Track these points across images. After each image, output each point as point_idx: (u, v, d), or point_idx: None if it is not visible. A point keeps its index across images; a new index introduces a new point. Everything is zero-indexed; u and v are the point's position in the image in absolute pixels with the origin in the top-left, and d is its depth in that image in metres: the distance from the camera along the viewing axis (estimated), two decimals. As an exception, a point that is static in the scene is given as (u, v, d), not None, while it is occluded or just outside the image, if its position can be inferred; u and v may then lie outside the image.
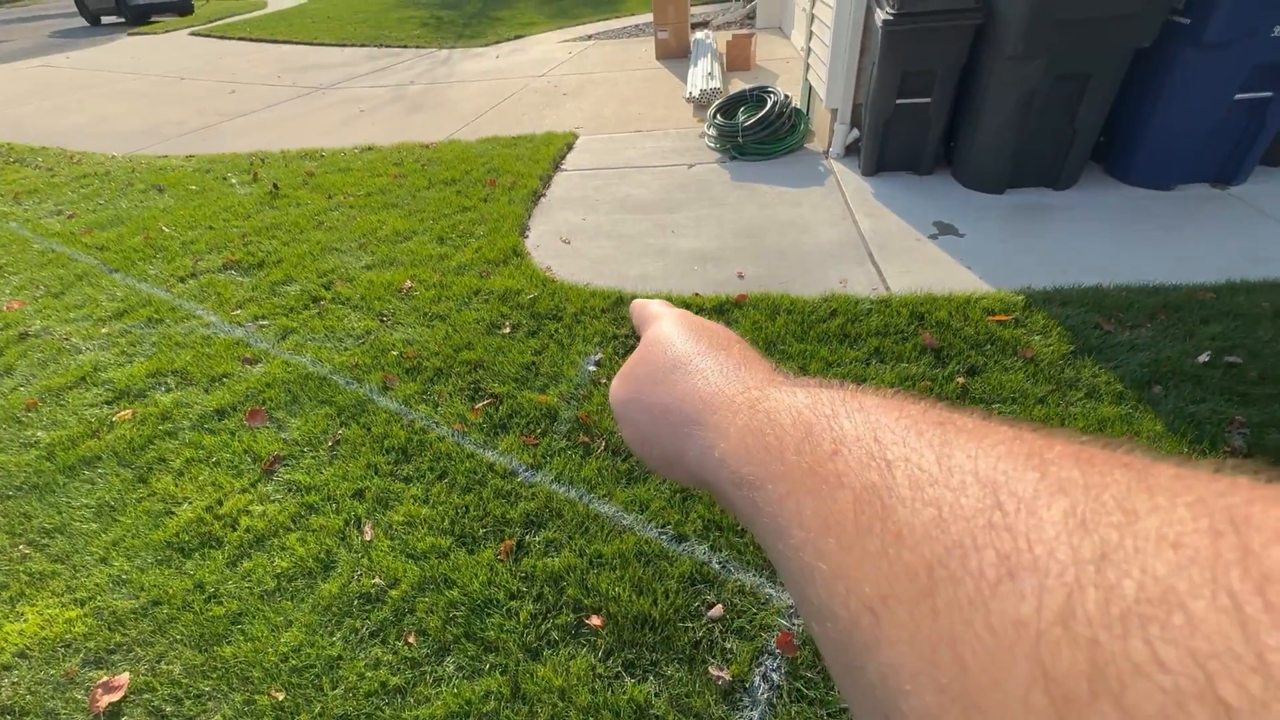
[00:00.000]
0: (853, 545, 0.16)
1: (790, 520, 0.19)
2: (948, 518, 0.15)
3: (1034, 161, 3.04)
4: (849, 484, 0.17)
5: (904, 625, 0.14)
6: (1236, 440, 1.74)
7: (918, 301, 2.39)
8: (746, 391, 0.24)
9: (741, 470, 0.21)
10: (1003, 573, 0.13)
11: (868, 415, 0.19)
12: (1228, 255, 2.50)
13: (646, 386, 0.29)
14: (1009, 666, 0.12)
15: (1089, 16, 2.54)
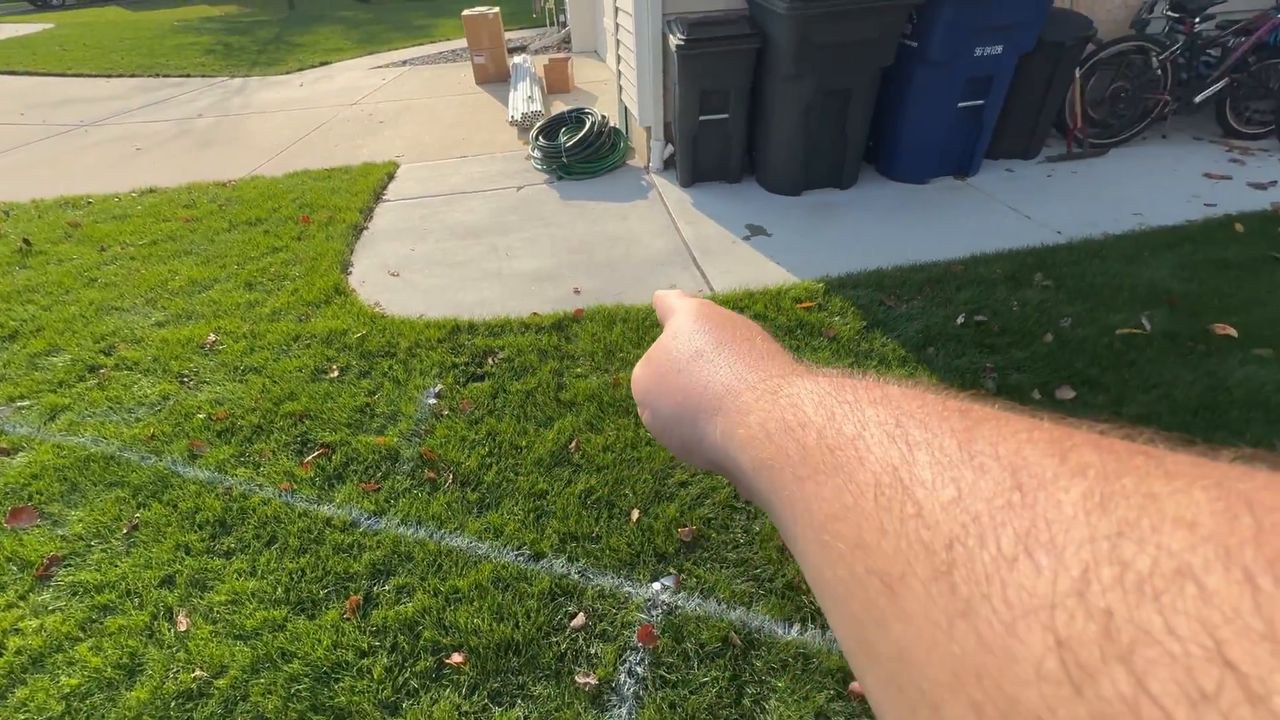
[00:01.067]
0: (872, 523, 0.16)
1: (810, 501, 0.19)
2: (967, 498, 0.15)
3: (821, 166, 3.47)
4: (870, 466, 0.17)
5: (921, 600, 0.14)
6: (988, 384, 2.11)
7: (738, 297, 2.61)
8: (769, 379, 0.25)
9: (761, 454, 0.22)
10: (1020, 550, 0.13)
11: (890, 402, 0.19)
12: (971, 233, 3.03)
13: (669, 374, 0.29)
14: (1024, 636, 0.12)
15: (841, 41, 2.96)
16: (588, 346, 2.38)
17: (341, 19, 11.26)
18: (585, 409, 2.08)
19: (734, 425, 0.24)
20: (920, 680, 0.14)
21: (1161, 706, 0.10)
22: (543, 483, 1.84)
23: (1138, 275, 2.61)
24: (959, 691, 0.13)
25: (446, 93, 6.23)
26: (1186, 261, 2.68)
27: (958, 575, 0.14)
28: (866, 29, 2.94)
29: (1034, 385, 2.09)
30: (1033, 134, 3.67)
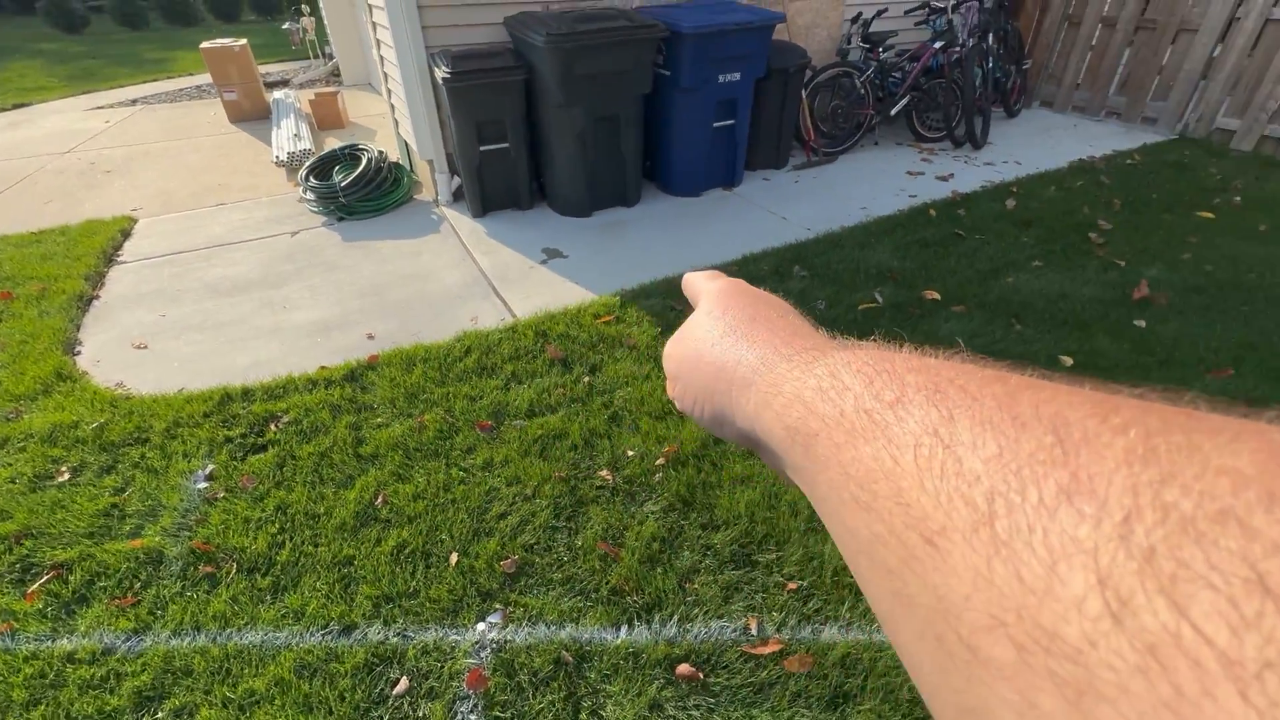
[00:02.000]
0: (912, 481, 0.16)
1: (848, 465, 0.19)
2: (1008, 454, 0.15)
3: (606, 186, 3.66)
4: (910, 428, 0.17)
5: (961, 549, 0.14)
6: (767, 367, 2.39)
7: (540, 321, 2.65)
8: (804, 351, 0.24)
9: (797, 423, 0.21)
10: (1062, 500, 0.13)
11: (929, 370, 0.19)
12: (741, 236, 3.40)
13: (703, 350, 0.29)
14: (1065, 575, 0.12)
15: (601, 71, 3.16)
16: (387, 393, 2.25)
17: (42, 52, 9.42)
18: (390, 459, 1.97)
19: (769, 396, 0.24)
20: (958, 625, 0.14)
21: (1203, 633, 0.10)
22: (348, 548, 1.70)
23: (869, 259, 3.13)
24: (998, 632, 0.13)
25: (194, 134, 5.50)
26: (900, 243, 3.27)
27: (999, 525, 0.14)
28: (622, 60, 3.18)
29: (802, 362, 2.40)
30: (779, 147, 4.24)
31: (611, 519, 1.77)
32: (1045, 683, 0.12)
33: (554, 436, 2.06)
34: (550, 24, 3.05)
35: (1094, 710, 0.11)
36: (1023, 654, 0.12)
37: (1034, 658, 0.12)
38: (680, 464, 1.94)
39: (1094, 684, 0.11)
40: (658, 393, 2.23)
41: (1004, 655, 0.13)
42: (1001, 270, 3.00)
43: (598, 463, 1.96)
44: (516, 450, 2.00)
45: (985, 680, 0.13)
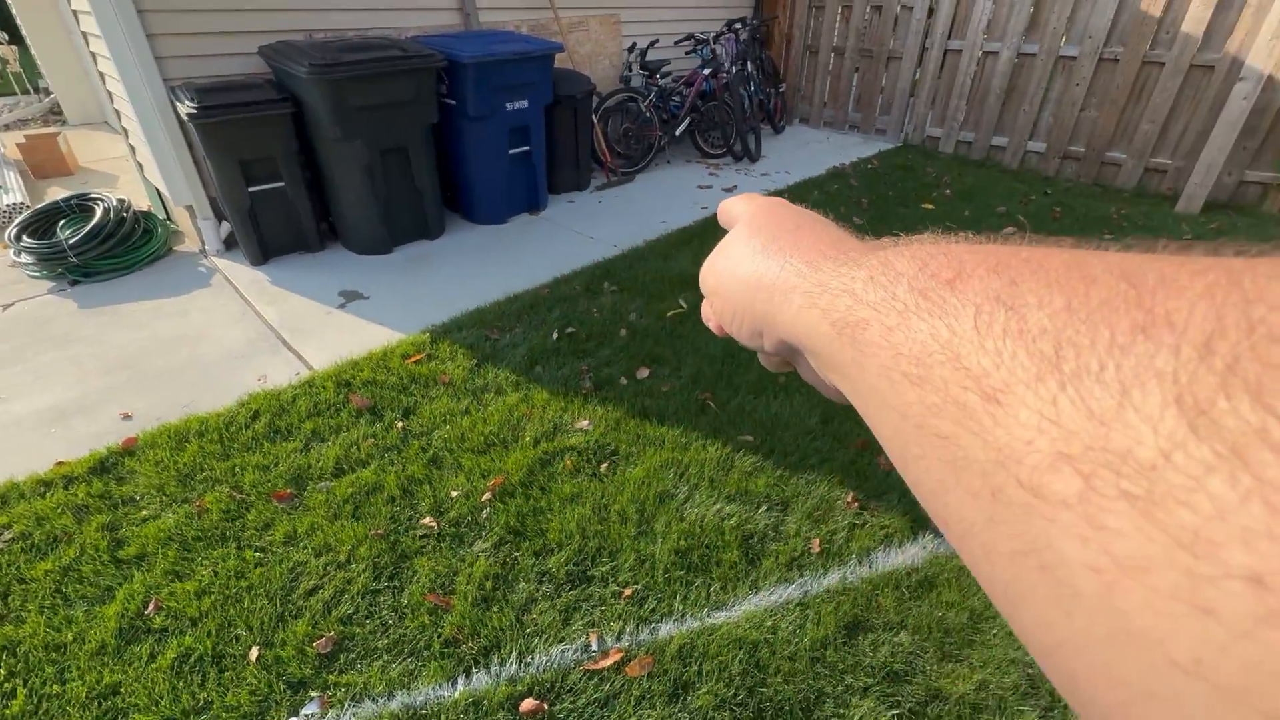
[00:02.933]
0: (971, 347, 0.16)
1: (899, 344, 0.18)
2: (1078, 305, 0.14)
3: (405, 220, 3.49)
4: (969, 300, 0.17)
5: (1025, 400, 0.14)
6: (587, 383, 2.44)
7: (341, 371, 2.45)
8: (853, 250, 0.24)
9: (844, 314, 0.21)
10: (1137, 335, 0.13)
11: (989, 249, 0.18)
12: (551, 259, 3.45)
13: (743, 262, 0.29)
14: (1139, 401, 0.12)
15: (380, 102, 3.03)
16: (153, 480, 1.91)
17: None
18: (162, 557, 1.67)
19: (814, 296, 0.23)
20: (1018, 471, 0.14)
21: None
22: (112, 673, 1.41)
23: (672, 268, 3.35)
24: (1062, 467, 0.13)
25: None
26: (698, 252, 3.55)
27: (1066, 368, 0.14)
28: (401, 90, 3.07)
29: (620, 374, 2.49)
30: (580, 169, 4.38)
31: (439, 567, 1.68)
32: (1114, 503, 0.12)
33: (367, 492, 1.90)
34: (313, 54, 2.85)
35: (1168, 516, 0.11)
36: (1090, 481, 0.12)
37: (1102, 482, 0.12)
38: (508, 495, 1.90)
39: (1170, 492, 0.11)
40: (479, 426, 2.17)
41: (1068, 487, 0.13)
42: (783, 267, 3.38)
43: (419, 511, 1.85)
44: (324, 515, 1.82)
45: (1046, 515, 0.13)
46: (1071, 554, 0.12)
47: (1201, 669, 0.10)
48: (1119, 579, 0.11)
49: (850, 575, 1.66)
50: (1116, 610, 0.11)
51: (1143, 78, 4.31)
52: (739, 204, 0.35)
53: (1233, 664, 0.10)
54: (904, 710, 1.35)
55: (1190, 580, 0.10)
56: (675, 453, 2.07)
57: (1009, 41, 4.76)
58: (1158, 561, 0.11)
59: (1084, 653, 0.12)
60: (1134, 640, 0.11)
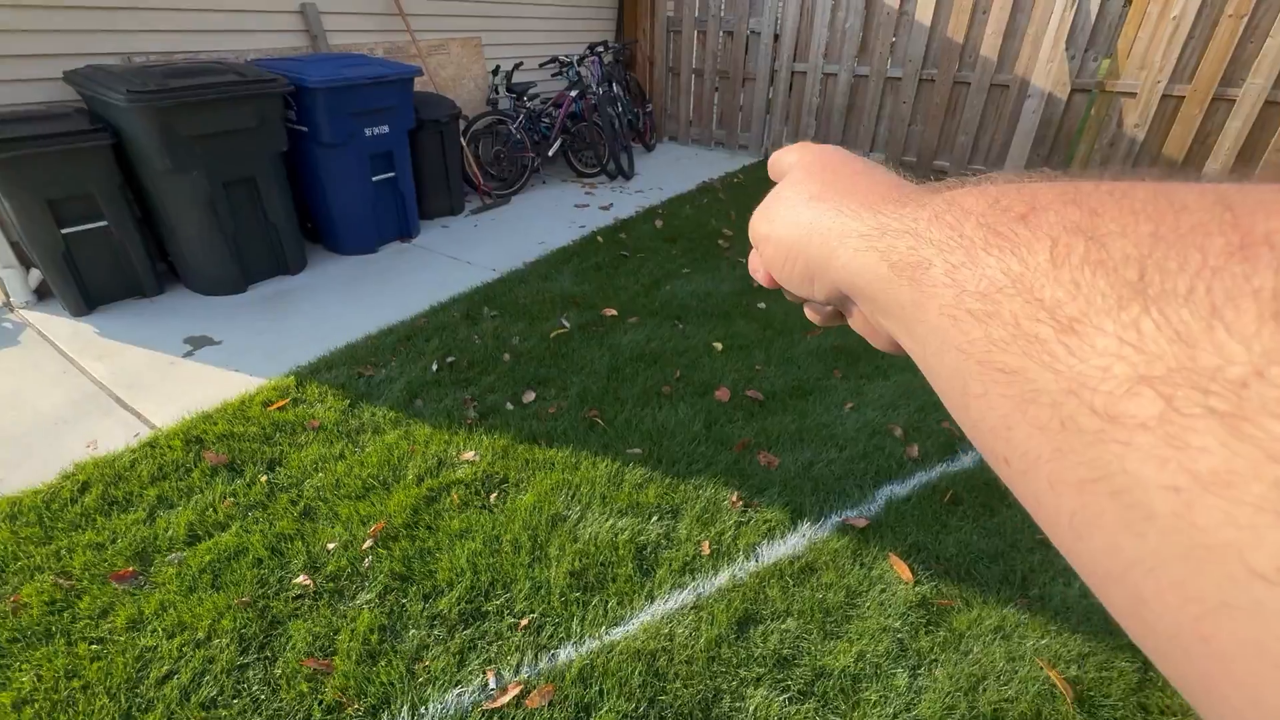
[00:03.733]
0: (1046, 278, 0.15)
1: (965, 281, 0.17)
2: (1166, 231, 0.14)
3: (259, 255, 3.23)
4: (1045, 233, 0.16)
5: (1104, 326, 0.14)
6: (471, 413, 2.38)
7: (191, 426, 2.21)
8: (915, 193, 0.23)
9: (906, 255, 0.20)
10: (1232, 257, 0.12)
11: (1066, 184, 0.17)
12: (427, 287, 3.34)
13: (797, 206, 0.27)
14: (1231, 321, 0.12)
15: (217, 131, 2.79)
16: (-51, 579, 1.62)
17: None
18: (-34, 669, 1.42)
19: (871, 238, 0.22)
20: (1093, 399, 0.13)
21: None
22: (-99, 822, 1.18)
23: (552, 288, 3.35)
24: (1142, 391, 0.12)
25: None
26: (578, 270, 3.59)
27: (1150, 293, 0.13)
28: (241, 117, 2.85)
29: (505, 399, 2.45)
30: (452, 194, 4.28)
31: (317, 628, 1.56)
32: (1199, 422, 0.11)
33: (229, 557, 1.73)
34: (132, 80, 2.58)
35: (1259, 429, 0.11)
36: (1172, 402, 0.12)
37: (1185, 402, 0.12)
38: (391, 539, 1.81)
39: (1263, 406, 0.11)
40: (356, 470, 2.05)
41: (1148, 410, 0.12)
42: (661, 281, 3.50)
43: (291, 570, 1.71)
44: (177, 591, 1.63)
45: (1121, 439, 0.13)
46: (1148, 475, 0.12)
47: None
48: (1199, 496, 0.11)
49: (739, 572, 1.74)
50: (1195, 527, 0.11)
51: (955, 96, 4.93)
52: (791, 153, 0.33)
53: None
54: (793, 692, 1.44)
55: (1279, 491, 0.10)
56: (566, 474, 2.07)
57: (845, 64, 5.26)
58: (1243, 475, 0.11)
59: (1155, 572, 0.12)
60: (1213, 554, 0.11)
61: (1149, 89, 4.22)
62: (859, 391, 2.54)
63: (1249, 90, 3.94)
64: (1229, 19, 3.88)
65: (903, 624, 1.59)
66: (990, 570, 1.75)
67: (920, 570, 1.74)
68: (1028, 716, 1.39)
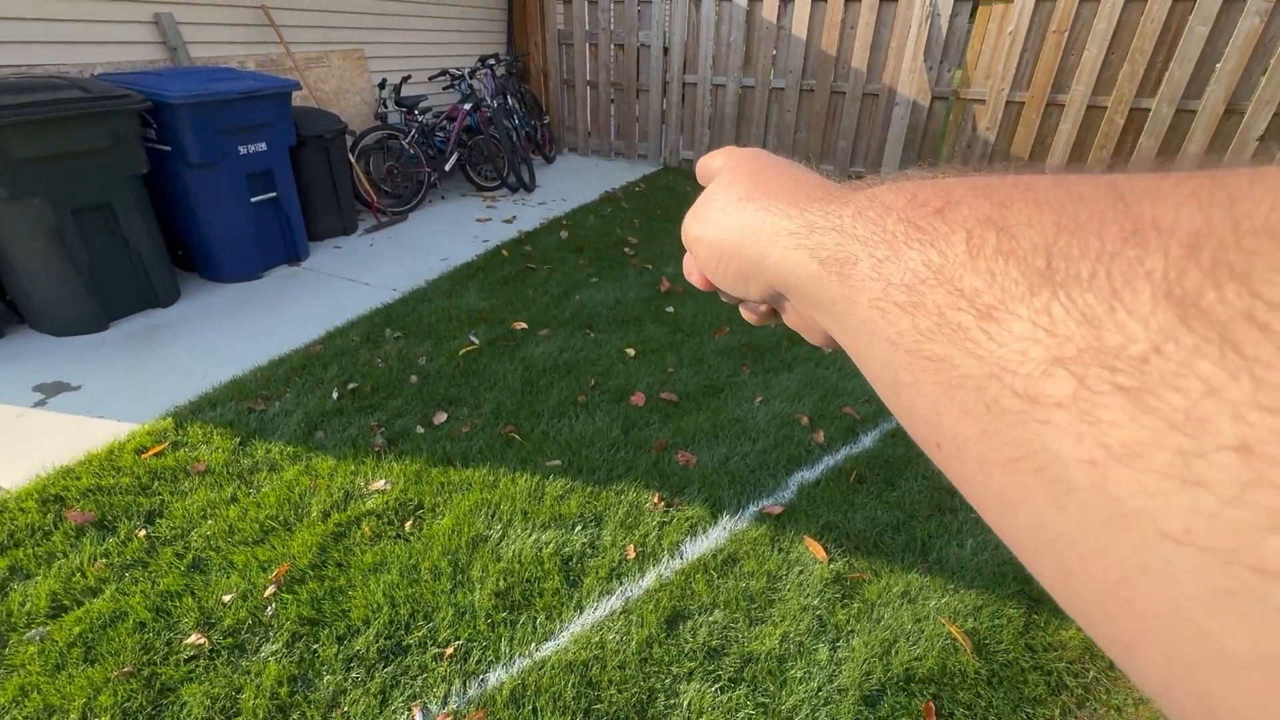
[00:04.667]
0: (963, 270, 0.16)
1: (890, 275, 0.18)
2: (1067, 221, 0.14)
3: (121, 288, 2.92)
4: (960, 225, 0.17)
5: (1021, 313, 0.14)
6: (379, 440, 2.27)
7: (48, 483, 1.96)
8: (839, 190, 0.24)
9: (833, 251, 0.21)
10: (1126, 242, 0.13)
11: (976, 179, 0.18)
12: (321, 312, 3.15)
13: (727, 209, 0.28)
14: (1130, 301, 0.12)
15: (57, 153, 2.51)
16: None
17: None
18: None
19: (801, 235, 0.23)
20: (1013, 381, 0.14)
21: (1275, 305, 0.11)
22: None
23: (458, 305, 3.26)
24: (1055, 372, 0.13)
25: None
26: (484, 285, 3.51)
27: (1057, 279, 0.14)
28: (89, 137, 2.58)
29: (415, 423, 2.36)
30: (343, 213, 4.07)
31: (216, 690, 1.43)
32: (1108, 398, 0.12)
33: (104, 625, 1.55)
34: (-53, 97, 2.27)
35: (1160, 402, 0.11)
36: (1083, 382, 0.13)
37: (1095, 380, 0.12)
38: (297, 582, 1.69)
39: (1162, 380, 0.11)
40: (252, 513, 1.89)
41: (1062, 389, 0.13)
42: (570, 291, 3.50)
43: (182, 630, 1.55)
44: (41, 671, 1.44)
45: (1040, 418, 0.13)
46: (1066, 451, 0.13)
47: (1192, 536, 0.11)
48: (1112, 467, 0.12)
49: (665, 571, 1.77)
50: (1110, 497, 0.12)
51: (833, 104, 5.29)
52: (717, 157, 0.34)
53: (1221, 527, 0.10)
54: (724, 681, 1.48)
55: (1181, 458, 0.11)
56: (484, 493, 2.02)
57: (731, 76, 5.51)
58: (1149, 445, 0.11)
59: (1077, 542, 0.13)
60: (1128, 521, 0.12)
61: (995, 96, 4.73)
62: (767, 385, 2.66)
63: (1074, 95, 4.51)
64: (1054, 34, 4.43)
65: (820, 601, 1.68)
66: (895, 540, 1.89)
67: (833, 548, 1.85)
68: (935, 671, 1.50)
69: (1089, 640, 1.60)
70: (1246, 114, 4.11)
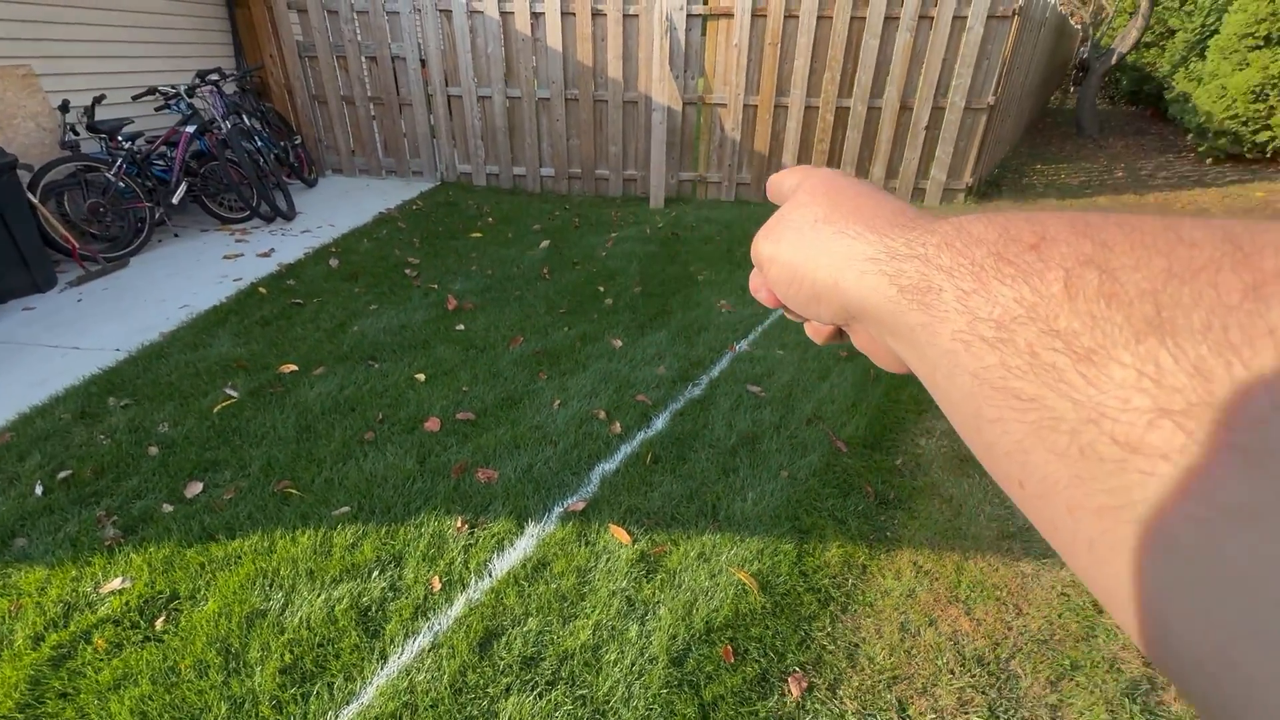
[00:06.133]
0: (1061, 309, 0.16)
1: (977, 308, 0.18)
2: (1179, 269, 0.14)
3: None
4: (1057, 263, 0.16)
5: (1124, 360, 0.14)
6: (110, 530, 1.89)
7: None
8: (921, 217, 0.23)
9: (914, 280, 0.21)
10: (1247, 295, 0.12)
11: (1074, 215, 0.18)
12: (11, 391, 2.53)
13: (802, 229, 0.28)
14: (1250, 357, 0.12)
15: None
16: None
17: None
18: None
19: (881, 261, 0.22)
20: (1114, 430, 0.14)
21: None
22: None
23: (207, 357, 2.84)
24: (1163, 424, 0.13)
25: None
26: (239, 330, 3.10)
27: (1167, 329, 0.13)
28: None
29: (161, 500, 2.00)
30: (30, 265, 3.30)
31: None
32: (1221, 455, 0.12)
33: None
34: None
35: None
36: (1193, 436, 0.12)
37: (1206, 436, 0.12)
38: (-1, 733, 1.34)
39: None
40: (-82, 664, 1.46)
41: (1169, 442, 0.13)
42: (346, 323, 3.23)
43: None
44: None
45: (1142, 469, 0.13)
46: (1172, 505, 0.12)
47: None
48: (1223, 527, 0.11)
49: (474, 594, 1.73)
50: (1220, 558, 0.11)
51: (598, 113, 5.55)
52: (792, 176, 0.33)
53: None
54: (542, 686, 1.49)
55: None
56: (258, 562, 1.79)
57: (496, 87, 5.51)
58: (1269, 509, 0.11)
59: (1179, 600, 0.12)
60: (1239, 584, 0.11)
61: (734, 100, 5.34)
62: (564, 388, 2.72)
63: (794, 98, 5.27)
64: (770, 46, 5.12)
65: (628, 583, 1.77)
66: (689, 509, 2.05)
67: (636, 529, 1.95)
68: (730, 617, 1.67)
69: (848, 552, 1.89)
70: (915, 109, 5.16)
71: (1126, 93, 11.85)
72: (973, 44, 4.83)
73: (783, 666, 1.55)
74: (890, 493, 2.14)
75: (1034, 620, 1.68)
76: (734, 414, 2.53)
